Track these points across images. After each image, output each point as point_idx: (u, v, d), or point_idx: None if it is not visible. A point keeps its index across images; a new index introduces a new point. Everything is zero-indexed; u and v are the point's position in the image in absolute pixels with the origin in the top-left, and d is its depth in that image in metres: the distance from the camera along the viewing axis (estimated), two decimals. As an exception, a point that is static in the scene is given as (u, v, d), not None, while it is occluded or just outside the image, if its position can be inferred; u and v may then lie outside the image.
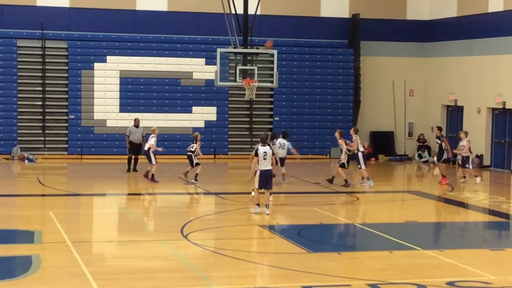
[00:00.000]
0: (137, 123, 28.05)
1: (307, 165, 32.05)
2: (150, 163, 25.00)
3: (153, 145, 24.89)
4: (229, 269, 14.11)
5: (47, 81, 31.86)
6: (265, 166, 19.19)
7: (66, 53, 32.12)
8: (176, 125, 32.37)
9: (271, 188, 19.62)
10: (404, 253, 15.43)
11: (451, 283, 12.98)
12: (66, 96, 32.05)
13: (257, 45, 28.71)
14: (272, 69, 26.58)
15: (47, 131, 31.86)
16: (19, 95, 31.55)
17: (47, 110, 31.82)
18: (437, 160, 26.76)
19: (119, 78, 32.28)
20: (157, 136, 25.31)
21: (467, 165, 26.45)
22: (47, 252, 15.04)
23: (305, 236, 17.04)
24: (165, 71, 32.67)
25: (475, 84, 31.91)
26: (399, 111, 34.80)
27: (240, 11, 26.47)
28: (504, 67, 30.19)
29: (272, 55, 26.69)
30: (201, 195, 23.54)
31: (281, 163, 24.74)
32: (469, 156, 26.43)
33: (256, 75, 25.84)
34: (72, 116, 31.93)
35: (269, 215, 19.02)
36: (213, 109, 33.05)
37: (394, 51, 34.95)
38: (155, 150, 24.93)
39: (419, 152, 34.35)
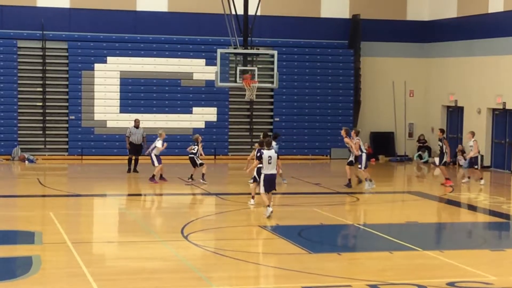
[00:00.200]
0: (137, 124, 28.06)
1: (307, 165, 32.07)
2: (153, 165, 25.04)
3: (158, 148, 24.93)
4: (229, 270, 14.10)
5: (47, 82, 31.85)
6: (270, 170, 19.04)
7: (66, 54, 32.12)
8: (176, 125, 32.34)
9: (275, 189, 19.54)
10: (404, 254, 15.43)
11: (451, 284, 12.98)
12: (66, 97, 32.05)
13: (257, 45, 28.77)
14: (272, 69, 26.58)
15: (47, 132, 31.86)
16: (19, 96, 31.55)
17: (47, 111, 31.82)
18: (438, 162, 26.61)
19: (119, 78, 32.28)
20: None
21: (475, 166, 26.25)
22: (48, 253, 15.04)
23: (305, 236, 17.04)
24: (165, 72, 32.66)
25: (475, 84, 31.90)
26: (399, 112, 34.79)
27: (240, 11, 26.47)
28: (504, 67, 30.18)
29: (272, 56, 26.70)
30: (202, 196, 23.54)
31: None
32: (477, 156, 26.22)
33: (256, 76, 25.84)
34: (72, 116, 31.93)
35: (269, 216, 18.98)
36: (214, 110, 33.05)
37: (394, 52, 34.94)
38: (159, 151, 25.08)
39: (419, 152, 34.33)
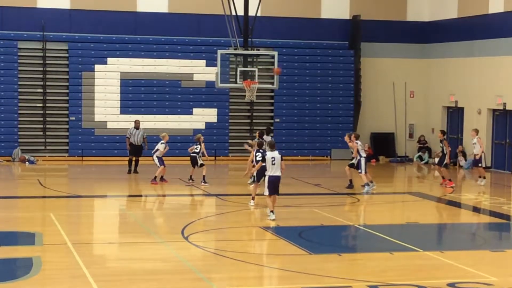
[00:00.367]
0: (137, 125, 28.06)
1: (307, 166, 32.07)
2: (157, 167, 25.09)
3: (160, 151, 24.96)
4: (229, 271, 14.11)
5: (47, 83, 31.85)
6: (274, 171, 18.75)
7: (66, 55, 32.11)
8: (176, 126, 32.33)
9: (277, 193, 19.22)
10: (405, 255, 15.43)
11: (452, 285, 12.98)
12: (66, 98, 32.05)
13: (258, 46, 28.75)
14: (272, 70, 26.59)
15: (48, 133, 31.86)
16: (20, 97, 31.55)
17: (47, 112, 31.81)
18: (437, 163, 26.57)
19: (119, 79, 32.28)
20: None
21: (480, 164, 26.16)
22: (48, 254, 15.04)
23: (305, 237, 17.03)
24: (165, 73, 32.66)
25: (475, 85, 31.89)
26: (400, 113, 34.79)
27: (240, 12, 26.49)
28: (504, 68, 30.17)
29: (272, 57, 26.71)
30: (202, 197, 23.54)
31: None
32: (480, 153, 26.12)
33: (256, 77, 25.86)
34: (73, 117, 31.93)
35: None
36: (214, 111, 33.04)
37: (394, 53, 34.93)
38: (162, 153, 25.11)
39: (420, 153, 34.32)
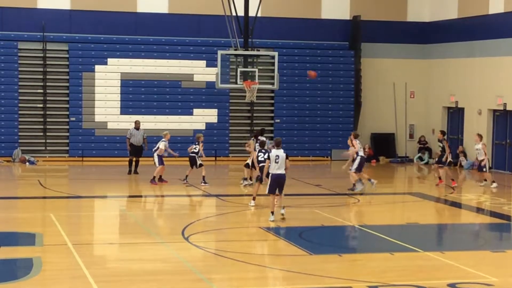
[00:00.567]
0: (137, 125, 28.07)
1: (308, 167, 32.07)
2: (156, 166, 25.10)
3: (161, 149, 24.97)
4: (230, 271, 14.10)
5: (48, 84, 31.85)
6: (277, 170, 18.62)
7: (67, 56, 32.11)
8: (177, 127, 32.31)
9: (282, 192, 19.08)
10: (405, 255, 15.43)
11: (452, 285, 12.98)
12: (67, 98, 32.05)
13: (258, 47, 28.76)
14: (273, 71, 26.62)
15: (48, 134, 31.86)
16: (20, 98, 31.54)
17: (48, 112, 31.81)
18: (435, 162, 26.55)
19: (120, 80, 32.28)
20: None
21: (484, 169, 25.89)
22: (48, 254, 15.04)
23: (306, 238, 17.04)
24: (166, 73, 32.66)
25: (476, 85, 31.89)
26: (400, 113, 34.79)
27: (241, 13, 26.52)
28: (505, 68, 30.16)
29: (273, 57, 26.72)
30: (202, 197, 23.54)
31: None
32: (485, 159, 25.96)
33: (257, 77, 25.87)
34: (73, 118, 31.93)
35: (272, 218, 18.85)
36: (214, 111, 33.03)
37: (395, 53, 34.93)
38: (167, 153, 25.09)
39: (420, 154, 34.32)
